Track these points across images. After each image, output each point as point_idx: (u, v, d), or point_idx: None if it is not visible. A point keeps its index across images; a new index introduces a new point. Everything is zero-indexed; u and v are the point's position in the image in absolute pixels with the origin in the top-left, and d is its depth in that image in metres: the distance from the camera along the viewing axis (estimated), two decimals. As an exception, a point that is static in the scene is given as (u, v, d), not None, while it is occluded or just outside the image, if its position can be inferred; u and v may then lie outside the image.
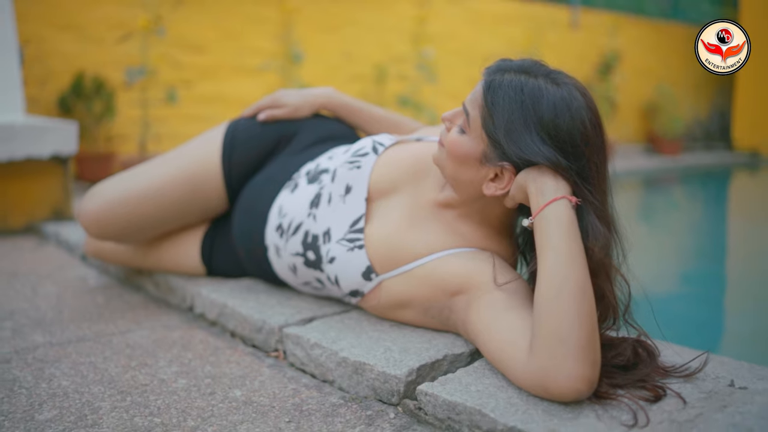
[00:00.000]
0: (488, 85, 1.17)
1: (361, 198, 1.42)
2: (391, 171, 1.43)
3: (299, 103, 1.78)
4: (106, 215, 1.63)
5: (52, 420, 1.14)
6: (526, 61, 1.21)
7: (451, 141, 1.23)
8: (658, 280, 3.39)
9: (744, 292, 3.31)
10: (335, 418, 1.14)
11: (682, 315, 2.84)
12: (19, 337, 1.57)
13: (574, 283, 1.05)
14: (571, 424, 0.96)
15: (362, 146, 1.49)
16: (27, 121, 2.74)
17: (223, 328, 1.59)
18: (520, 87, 1.14)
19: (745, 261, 4.02)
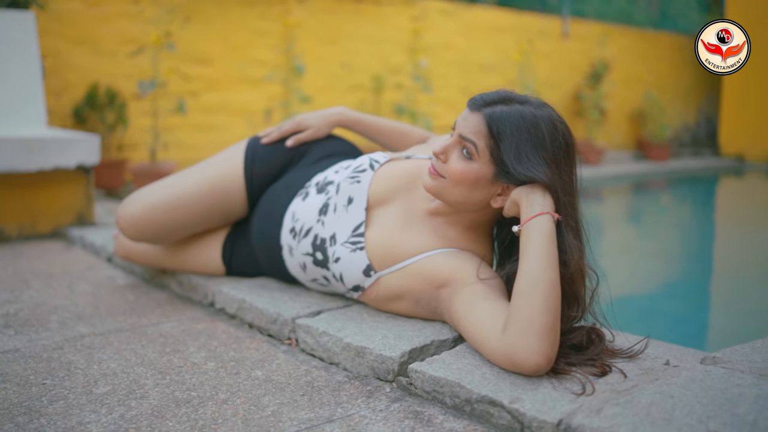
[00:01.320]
0: (490, 117, 1.38)
1: (361, 208, 1.66)
2: (387, 184, 1.67)
3: (319, 124, 2.03)
4: (143, 220, 1.88)
5: (107, 393, 1.38)
6: (502, 91, 1.46)
7: (460, 170, 1.42)
8: (643, 278, 3.64)
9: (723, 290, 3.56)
10: (341, 392, 1.38)
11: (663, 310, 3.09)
12: (66, 328, 1.81)
13: (548, 280, 1.29)
14: (532, 393, 1.21)
15: (361, 163, 1.74)
16: (55, 135, 2.98)
17: (241, 321, 1.83)
18: (519, 116, 1.38)
19: (726, 261, 4.27)
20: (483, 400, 1.21)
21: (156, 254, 2.09)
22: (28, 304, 2.02)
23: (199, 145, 5.16)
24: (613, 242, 4.60)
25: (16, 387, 1.42)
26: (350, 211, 1.67)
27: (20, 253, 2.71)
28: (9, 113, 3.36)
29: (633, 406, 1.12)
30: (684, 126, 9.30)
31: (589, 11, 8.30)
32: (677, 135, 9.15)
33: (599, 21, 8.28)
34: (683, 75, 9.21)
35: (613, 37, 8.09)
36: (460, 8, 6.79)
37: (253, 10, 5.34)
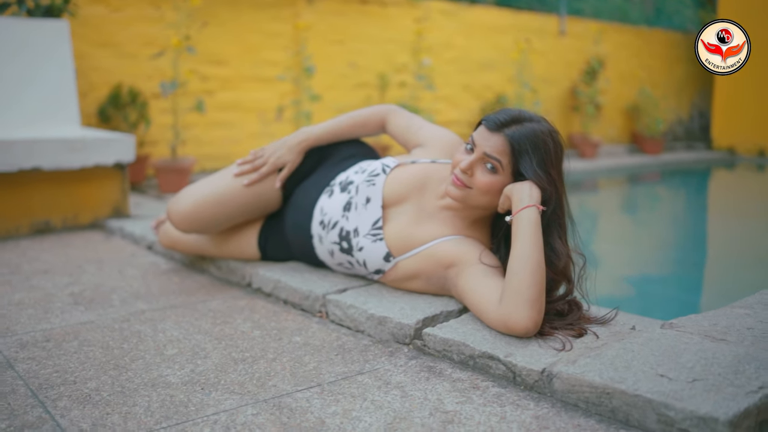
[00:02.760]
0: (512, 138, 1.68)
1: (377, 206, 1.96)
2: (399, 187, 1.97)
3: (293, 157, 2.23)
4: (193, 214, 2.18)
5: (176, 354, 1.69)
6: (510, 111, 1.76)
7: (488, 182, 1.72)
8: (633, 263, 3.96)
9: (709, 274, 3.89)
10: (367, 352, 1.69)
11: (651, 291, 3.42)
12: (127, 305, 2.11)
13: (534, 260, 1.60)
14: (522, 350, 1.51)
15: (375, 168, 2.04)
16: (96, 135, 3.28)
17: (277, 298, 2.14)
18: (531, 134, 1.69)
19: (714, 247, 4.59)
20: (483, 355, 1.52)
21: (199, 244, 2.40)
22: (88, 285, 2.33)
23: (215, 141, 5.46)
24: (607, 231, 4.92)
25: (101, 350, 1.73)
26: (369, 208, 1.97)
27: (67, 242, 3.02)
28: (46, 114, 3.67)
29: (601, 358, 1.43)
30: (677, 120, 9.60)
31: (586, 9, 8.57)
32: (671, 129, 9.45)
33: (595, 19, 8.57)
34: (677, 71, 9.50)
35: (608, 35, 8.38)
36: (460, 8, 7.08)
37: (265, 12, 5.62)
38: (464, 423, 1.31)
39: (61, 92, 3.77)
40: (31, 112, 3.64)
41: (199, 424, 1.32)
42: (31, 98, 3.65)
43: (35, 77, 3.67)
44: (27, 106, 3.63)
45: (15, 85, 3.59)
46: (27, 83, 3.63)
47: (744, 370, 1.33)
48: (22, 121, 3.56)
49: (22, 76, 3.62)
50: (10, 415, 1.37)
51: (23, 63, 3.63)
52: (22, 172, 3.06)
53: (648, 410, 1.25)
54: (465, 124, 7.17)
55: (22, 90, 3.61)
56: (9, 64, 3.60)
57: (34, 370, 1.60)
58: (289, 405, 1.40)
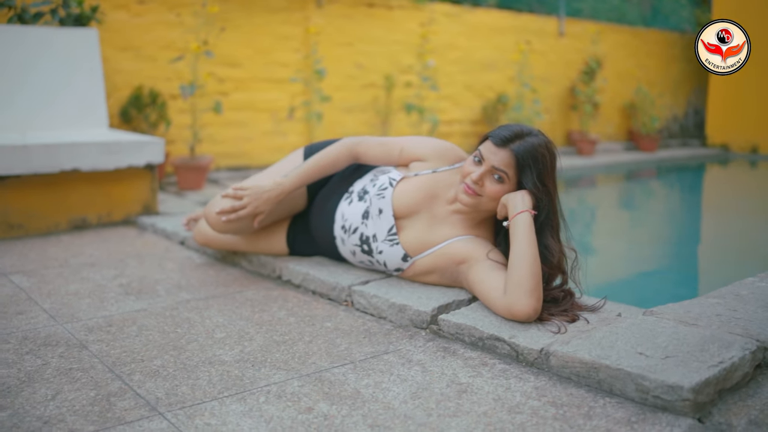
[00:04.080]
0: (517, 152, 1.95)
1: (389, 215, 2.22)
2: (409, 201, 2.21)
3: (270, 207, 2.38)
4: (229, 218, 2.44)
5: (225, 338, 1.96)
6: (512, 127, 2.02)
7: (496, 191, 2.00)
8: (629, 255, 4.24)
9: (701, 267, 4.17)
10: (390, 336, 1.96)
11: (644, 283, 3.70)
12: (172, 295, 2.38)
13: (530, 256, 1.87)
14: (524, 332, 1.78)
15: (383, 182, 2.28)
16: (130, 138, 3.54)
17: (305, 289, 2.41)
18: (532, 148, 1.96)
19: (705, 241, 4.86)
20: (491, 337, 1.80)
21: (232, 241, 2.66)
22: (133, 277, 2.60)
23: (229, 140, 5.72)
24: (604, 225, 5.19)
25: (159, 334, 2.00)
26: (382, 218, 2.24)
27: (104, 237, 3.28)
28: (78, 117, 3.93)
29: (590, 339, 1.70)
30: (673, 117, 9.86)
31: (585, 9, 8.82)
32: (666, 126, 9.71)
33: (593, 20, 8.82)
34: (672, 69, 9.75)
35: (606, 35, 8.63)
36: (463, 11, 7.33)
37: (276, 16, 5.88)
38: (476, 392, 1.58)
39: (91, 97, 4.03)
40: (64, 115, 3.91)
41: (255, 393, 1.59)
42: (63, 102, 3.91)
43: (67, 82, 3.93)
44: (60, 109, 3.89)
45: (49, 89, 3.85)
46: (60, 88, 3.89)
47: (708, 349, 1.60)
48: (56, 124, 3.82)
49: (55, 82, 3.88)
50: (95, 386, 1.64)
51: (57, 69, 3.89)
52: (63, 173, 3.32)
53: (628, 381, 1.52)
54: (467, 123, 7.44)
55: (55, 94, 3.87)
56: (44, 71, 3.85)
57: (105, 350, 1.87)
58: (329, 378, 1.67)
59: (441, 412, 1.48)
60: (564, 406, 1.50)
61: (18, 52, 3.78)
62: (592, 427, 1.40)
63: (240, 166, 5.80)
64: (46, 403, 1.54)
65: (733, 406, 1.49)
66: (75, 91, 3.96)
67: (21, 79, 3.78)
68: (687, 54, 9.87)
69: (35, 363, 1.78)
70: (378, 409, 1.50)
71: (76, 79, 3.97)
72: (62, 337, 1.97)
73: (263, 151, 5.93)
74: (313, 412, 1.49)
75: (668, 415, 1.44)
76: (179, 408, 1.52)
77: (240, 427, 1.42)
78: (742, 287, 2.13)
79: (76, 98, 3.96)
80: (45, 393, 1.60)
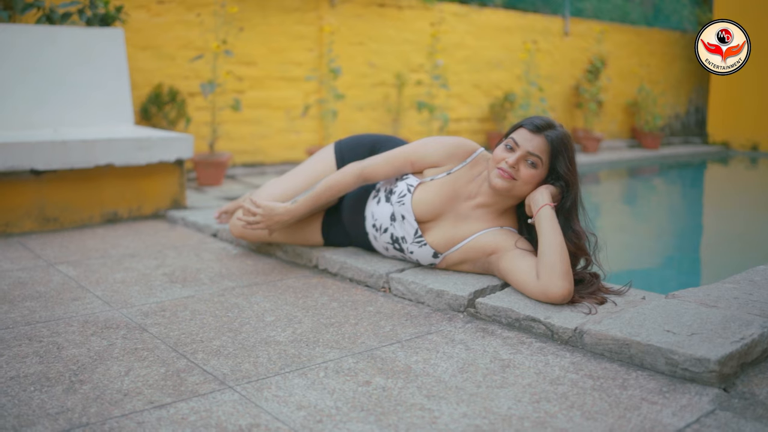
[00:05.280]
0: (551, 140, 2.11)
1: (412, 220, 2.35)
2: (429, 206, 2.32)
3: (279, 227, 2.57)
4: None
5: (275, 321, 2.09)
6: (543, 118, 2.17)
7: (531, 175, 2.13)
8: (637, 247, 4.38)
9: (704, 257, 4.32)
10: (430, 318, 2.10)
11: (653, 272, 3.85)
12: (216, 283, 2.52)
13: (558, 244, 2.02)
14: (558, 314, 1.92)
15: (402, 189, 2.40)
16: (161, 135, 3.67)
17: (342, 277, 2.54)
18: (561, 136, 2.13)
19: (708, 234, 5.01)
20: (527, 318, 1.93)
21: (266, 233, 2.79)
22: (174, 267, 2.73)
23: (245, 137, 5.85)
24: (609, 219, 5.33)
25: (212, 317, 2.13)
26: (406, 224, 2.37)
27: (137, 230, 3.42)
28: (105, 114, 4.06)
29: (620, 319, 1.84)
30: (675, 116, 10.01)
31: (588, 9, 8.96)
32: (668, 124, 9.86)
33: (597, 19, 8.96)
34: (674, 68, 9.90)
35: (609, 35, 8.77)
36: (471, 11, 7.46)
37: (291, 16, 6.00)
38: (518, 366, 1.72)
39: (117, 94, 4.16)
40: (92, 112, 4.03)
41: (314, 369, 1.73)
42: (91, 100, 4.04)
43: (95, 81, 4.06)
44: (88, 107, 4.02)
45: (78, 87, 3.98)
46: (88, 86, 4.02)
47: (730, 327, 1.74)
48: (85, 121, 3.95)
49: (84, 80, 4.01)
50: (163, 364, 1.77)
51: (85, 68, 4.02)
52: (97, 168, 3.45)
53: (658, 356, 1.65)
54: (475, 121, 7.57)
55: (84, 92, 4.00)
56: (73, 69, 3.98)
57: (164, 332, 2.00)
58: (380, 356, 1.81)
59: (489, 384, 1.62)
60: (600, 378, 1.64)
61: (48, 52, 3.91)
62: (628, 396, 1.54)
63: (255, 163, 5.93)
64: (121, 378, 1.67)
65: (754, 378, 1.63)
66: (102, 89, 4.08)
67: (51, 78, 3.91)
68: (688, 53, 10.02)
69: (102, 344, 1.91)
70: (431, 382, 1.64)
71: (103, 78, 4.10)
72: (121, 320, 2.10)
73: (278, 149, 6.06)
74: (372, 385, 1.62)
75: (696, 386, 1.58)
76: (246, 382, 1.65)
77: (306, 398, 1.56)
78: (756, 274, 2.27)
79: (103, 96, 4.08)
80: (118, 370, 1.73)
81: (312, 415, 1.48)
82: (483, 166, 2.36)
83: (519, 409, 1.49)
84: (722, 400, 1.52)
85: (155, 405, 1.53)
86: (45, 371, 1.71)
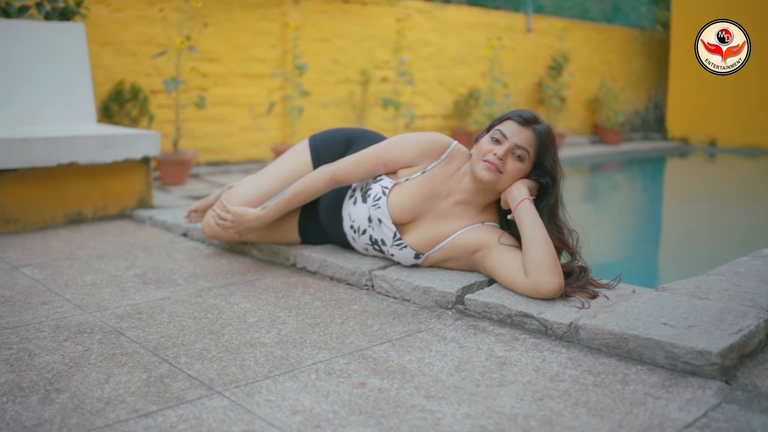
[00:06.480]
0: (539, 133, 2.08)
1: (389, 223, 2.28)
2: (406, 209, 2.25)
3: (248, 233, 2.51)
4: (240, 212, 2.49)
5: (257, 321, 2.02)
6: (531, 111, 2.14)
7: (518, 168, 2.09)
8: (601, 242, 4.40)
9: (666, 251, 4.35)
10: (418, 316, 2.04)
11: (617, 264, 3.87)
12: (191, 283, 2.42)
13: (542, 238, 1.98)
14: (551, 309, 1.88)
15: (376, 192, 2.32)
16: (126, 132, 3.55)
17: (322, 275, 2.47)
18: (547, 131, 2.10)
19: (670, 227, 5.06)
20: (519, 314, 1.89)
21: (243, 231, 2.71)
22: (146, 268, 2.62)
23: (209, 135, 5.72)
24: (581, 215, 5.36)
25: (191, 320, 2.04)
26: (383, 227, 2.31)
27: (104, 230, 3.29)
28: (66, 112, 3.92)
29: (615, 312, 1.81)
30: (635, 112, 10.15)
31: (548, 6, 9.02)
32: (629, 120, 9.99)
33: (558, 16, 9.02)
34: (634, 65, 10.03)
35: (571, 32, 8.84)
36: (435, 7, 7.44)
37: (255, 12, 5.89)
38: (515, 364, 1.67)
39: (78, 91, 4.01)
40: (52, 109, 3.88)
41: (305, 371, 1.66)
42: (51, 97, 3.88)
43: (55, 77, 3.91)
44: (48, 104, 3.87)
45: (37, 84, 3.82)
46: (48, 83, 3.87)
47: (726, 319, 1.72)
48: (44, 119, 3.80)
49: (43, 76, 3.85)
50: (145, 369, 1.68)
51: (44, 63, 3.86)
52: (60, 167, 3.31)
53: (657, 349, 1.63)
54: (440, 118, 7.55)
55: (43, 89, 3.85)
56: (31, 65, 3.83)
57: (142, 336, 1.91)
58: (371, 356, 1.75)
59: (488, 382, 1.57)
60: (601, 374, 1.60)
61: (5, 47, 3.75)
62: (632, 392, 1.51)
63: (219, 161, 5.81)
64: (101, 386, 1.58)
65: (753, 370, 1.61)
66: (63, 86, 3.94)
67: (9, 73, 3.75)
68: (647, 50, 10.16)
69: (77, 349, 1.81)
70: (428, 382, 1.58)
71: (64, 74, 3.95)
72: (95, 324, 2.00)
73: (242, 147, 5.95)
74: (367, 387, 1.56)
75: (698, 379, 1.56)
76: (235, 387, 1.58)
77: (300, 402, 1.49)
78: (738, 266, 2.27)
79: (63, 93, 3.94)
80: (97, 377, 1.64)
81: (309, 420, 1.41)
82: (460, 161, 2.29)
83: (523, 407, 1.45)
84: (726, 393, 1.50)
85: (140, 413, 1.44)
86: (17, 380, 1.61)
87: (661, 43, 10.26)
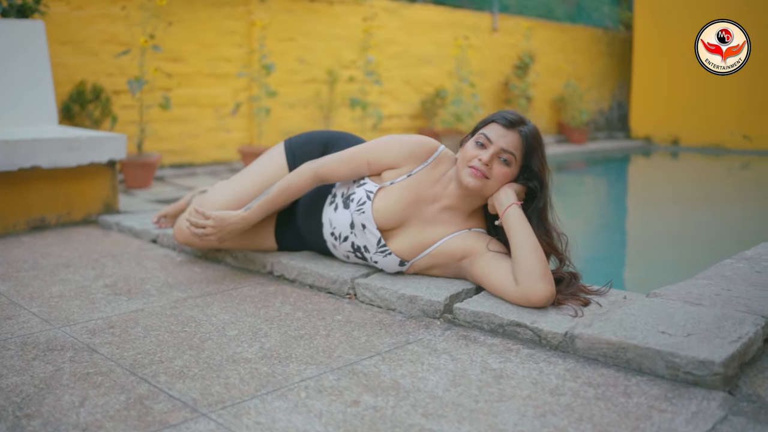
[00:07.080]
0: (525, 136, 2.02)
1: (374, 229, 2.20)
2: (391, 214, 2.17)
3: (232, 237, 2.40)
4: (214, 217, 2.39)
5: (238, 335, 1.93)
6: (515, 112, 2.08)
7: (505, 173, 2.03)
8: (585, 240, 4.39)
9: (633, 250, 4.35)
10: (405, 326, 1.97)
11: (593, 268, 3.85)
12: (165, 294, 2.32)
13: (531, 244, 1.93)
14: (544, 317, 1.83)
15: (360, 197, 2.24)
16: (91, 134, 3.41)
17: (301, 283, 2.39)
18: (535, 132, 2.05)
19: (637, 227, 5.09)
20: (512, 323, 1.84)
21: (217, 238, 2.61)
22: (116, 277, 2.51)
23: (174, 136, 5.58)
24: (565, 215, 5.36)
25: (167, 334, 1.94)
26: (367, 233, 2.22)
27: (68, 237, 3.16)
28: (26, 114, 3.76)
29: (610, 321, 1.77)
30: (599, 111, 10.23)
31: (512, 6, 9.03)
32: (593, 119, 10.07)
33: (523, 15, 9.04)
34: (598, 64, 10.11)
35: (536, 31, 8.86)
36: (402, 6, 7.38)
37: (220, 10, 5.77)
38: (512, 377, 1.61)
39: (38, 92, 3.85)
40: (10, 111, 3.72)
41: (293, 389, 1.58)
42: (9, 98, 3.72)
43: (13, 77, 3.75)
44: (5, 105, 3.71)
45: (-5, 85, 3.66)
46: (7, 82, 3.71)
47: (723, 326, 1.69)
48: (3, 120, 3.64)
49: (2, 76, 3.69)
50: (122, 390, 1.58)
51: (3, 62, 3.70)
52: (21, 171, 3.17)
53: (658, 359, 1.58)
54: (407, 118, 7.50)
55: (3, 89, 3.69)
56: (-12, 65, 3.66)
57: (117, 353, 1.81)
58: (362, 371, 1.67)
59: (487, 398, 1.51)
60: (601, 386, 1.55)
61: (-40, 46, 3.58)
62: (635, 405, 1.46)
63: (184, 163, 5.67)
64: (76, 410, 1.48)
65: (754, 379, 1.58)
66: (22, 86, 3.78)
67: (-36, 74, 3.58)
68: (611, 50, 10.25)
69: (47, 369, 1.70)
70: (424, 399, 1.51)
71: (23, 74, 3.79)
72: (65, 341, 1.89)
73: (208, 148, 5.82)
74: (361, 405, 1.49)
75: (701, 390, 1.52)
76: (221, 408, 1.49)
77: (293, 424, 1.41)
78: (725, 269, 2.24)
79: (23, 93, 3.78)
80: (71, 399, 1.53)
81: (303, 444, 1.33)
82: (446, 166, 2.23)
83: (526, 424, 1.39)
84: (731, 405, 1.46)
85: (121, 440, 1.35)
86: (-16, 405, 1.50)
87: (624, 43, 10.36)
